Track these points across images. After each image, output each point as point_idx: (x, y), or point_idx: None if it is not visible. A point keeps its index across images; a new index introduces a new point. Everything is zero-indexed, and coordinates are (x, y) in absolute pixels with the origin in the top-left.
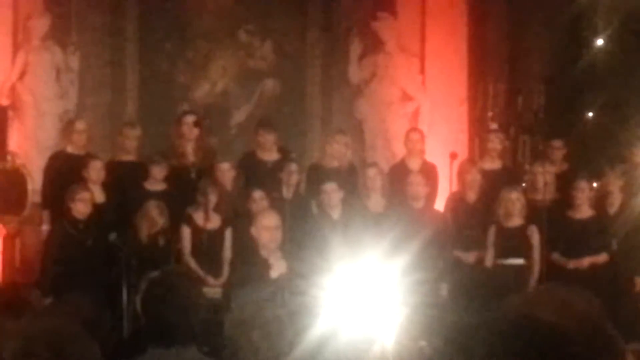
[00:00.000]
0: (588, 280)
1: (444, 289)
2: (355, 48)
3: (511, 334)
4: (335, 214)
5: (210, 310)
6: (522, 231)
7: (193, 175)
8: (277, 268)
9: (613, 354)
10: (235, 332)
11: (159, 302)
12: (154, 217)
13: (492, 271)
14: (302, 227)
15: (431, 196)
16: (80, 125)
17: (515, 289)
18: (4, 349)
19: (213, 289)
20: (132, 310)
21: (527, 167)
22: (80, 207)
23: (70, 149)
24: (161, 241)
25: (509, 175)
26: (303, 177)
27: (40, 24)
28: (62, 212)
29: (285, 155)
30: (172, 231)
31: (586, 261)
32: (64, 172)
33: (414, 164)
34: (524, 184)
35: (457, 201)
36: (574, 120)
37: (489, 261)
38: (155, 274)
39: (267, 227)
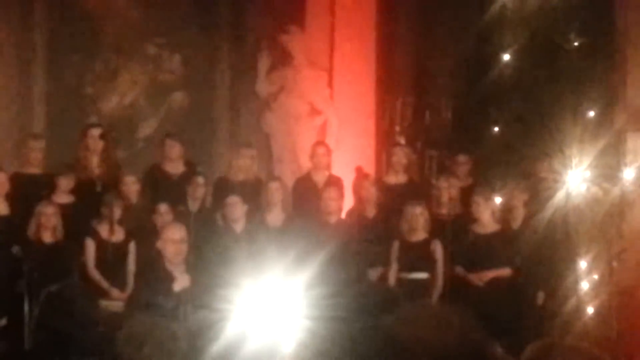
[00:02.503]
0: (492, 295)
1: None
2: (264, 61)
3: (387, 346)
4: (239, 227)
5: (110, 324)
6: (425, 245)
7: (99, 188)
8: (181, 281)
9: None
10: (127, 347)
11: (57, 315)
12: (48, 214)
13: (395, 286)
14: (207, 241)
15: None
16: None
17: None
18: None
19: (116, 303)
20: (34, 323)
21: (432, 181)
22: None
23: None
24: (64, 253)
25: (415, 190)
26: (209, 190)
27: None
28: None
29: (191, 168)
30: (77, 244)
31: (488, 275)
32: None
33: (320, 178)
34: (430, 199)
35: (356, 216)
36: (481, 135)
37: (392, 276)
38: (54, 287)
39: (172, 240)
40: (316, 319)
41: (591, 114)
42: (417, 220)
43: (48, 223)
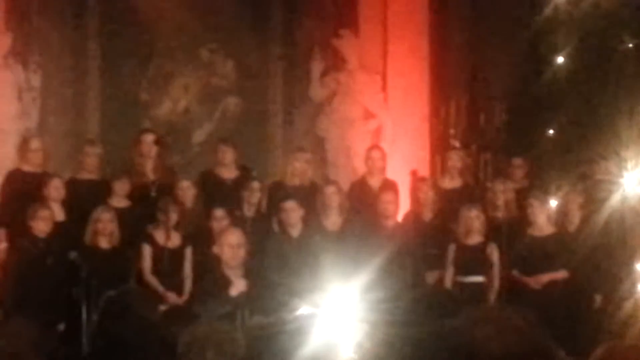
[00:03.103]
0: (547, 298)
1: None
2: (317, 66)
3: (452, 350)
4: (295, 232)
5: (169, 329)
6: (481, 249)
7: (153, 193)
8: (238, 286)
9: None
10: (188, 351)
11: (116, 321)
12: (104, 220)
13: (452, 289)
14: (263, 246)
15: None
16: (34, 143)
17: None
18: None
19: (173, 308)
20: (92, 329)
21: (488, 184)
22: (41, 226)
23: (26, 167)
24: (121, 259)
25: (470, 193)
26: (265, 195)
27: (1, 43)
28: (21, 231)
29: (244, 172)
30: (133, 249)
31: (545, 278)
32: (21, 191)
33: (375, 182)
34: (485, 202)
35: (413, 220)
36: (535, 138)
37: (448, 280)
38: (113, 292)
39: (229, 245)
40: (374, 322)
41: None
42: (473, 223)
43: (104, 229)
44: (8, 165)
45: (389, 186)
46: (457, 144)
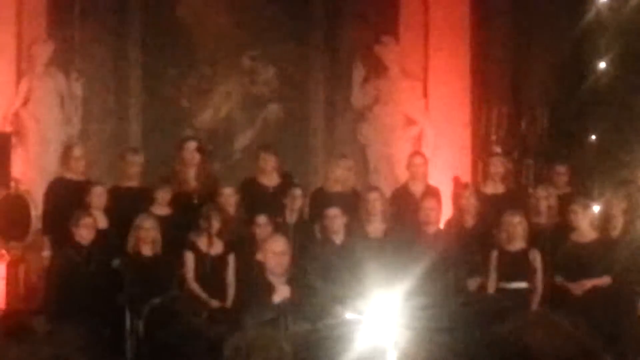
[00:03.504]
0: (591, 303)
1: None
2: (358, 73)
3: (501, 356)
4: (338, 239)
5: (214, 335)
6: (524, 255)
7: (195, 200)
8: (281, 293)
9: None
10: (234, 356)
11: (162, 328)
12: (147, 228)
13: (495, 296)
14: (305, 252)
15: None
16: (77, 151)
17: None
18: None
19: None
20: (136, 336)
21: (530, 190)
22: (84, 233)
23: (69, 175)
24: (163, 266)
25: (512, 199)
26: (306, 202)
27: (44, 51)
28: (64, 238)
29: (286, 179)
30: (176, 256)
31: (588, 284)
32: (64, 198)
33: (417, 188)
34: (528, 208)
35: (455, 226)
36: (577, 143)
37: (491, 286)
38: (157, 300)
39: (274, 252)
40: (417, 329)
41: None
42: (515, 230)
43: (147, 237)
44: (50, 172)
45: (431, 193)
46: (498, 149)
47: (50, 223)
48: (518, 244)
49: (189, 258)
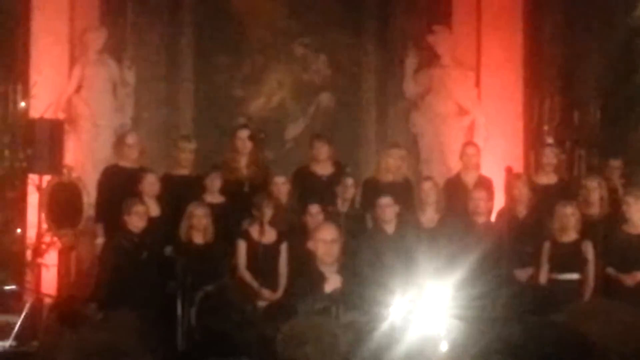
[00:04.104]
0: None
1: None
2: (411, 62)
3: (559, 348)
4: (390, 228)
5: (266, 324)
6: (576, 246)
7: (246, 189)
8: (332, 282)
9: None
10: (287, 346)
11: (214, 316)
12: (199, 215)
13: (547, 286)
14: (356, 242)
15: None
16: (131, 139)
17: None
18: None
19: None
20: (187, 324)
21: (582, 181)
22: (136, 221)
23: (122, 163)
24: (215, 254)
25: (565, 190)
26: (358, 191)
27: (97, 38)
28: (117, 226)
29: (339, 168)
30: (227, 244)
31: None
32: (118, 186)
33: (470, 178)
34: (580, 199)
35: (507, 216)
36: (630, 134)
37: (543, 277)
38: (210, 287)
39: (324, 241)
40: (468, 319)
41: None
42: (568, 220)
43: (199, 224)
44: (102, 160)
45: (483, 183)
46: (551, 140)
47: (103, 211)
48: (570, 235)
49: (241, 246)
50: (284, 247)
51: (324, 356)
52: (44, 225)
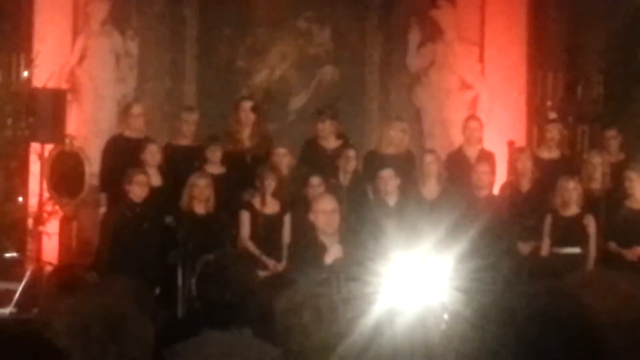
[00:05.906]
0: None
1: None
2: (414, 36)
3: (560, 317)
4: (391, 200)
5: (266, 293)
6: (578, 220)
7: (248, 160)
8: (333, 253)
9: None
10: (286, 316)
11: (214, 284)
12: (200, 186)
13: (548, 260)
14: (358, 213)
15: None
16: (137, 109)
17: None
18: (60, 325)
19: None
20: (187, 292)
21: (585, 156)
22: (137, 190)
23: (127, 133)
24: (216, 224)
25: (567, 165)
26: (360, 163)
27: (100, 9)
28: (119, 195)
29: (345, 142)
30: (229, 215)
31: None
32: (122, 156)
33: (472, 152)
34: (582, 174)
35: (510, 190)
36: (633, 110)
37: (545, 250)
38: (211, 256)
39: (323, 211)
40: (469, 291)
41: None
42: (570, 195)
43: (201, 195)
44: (104, 130)
45: (486, 157)
46: (554, 115)
47: (107, 180)
48: (573, 210)
49: (244, 217)
50: (287, 218)
51: (323, 326)
52: (46, 194)
